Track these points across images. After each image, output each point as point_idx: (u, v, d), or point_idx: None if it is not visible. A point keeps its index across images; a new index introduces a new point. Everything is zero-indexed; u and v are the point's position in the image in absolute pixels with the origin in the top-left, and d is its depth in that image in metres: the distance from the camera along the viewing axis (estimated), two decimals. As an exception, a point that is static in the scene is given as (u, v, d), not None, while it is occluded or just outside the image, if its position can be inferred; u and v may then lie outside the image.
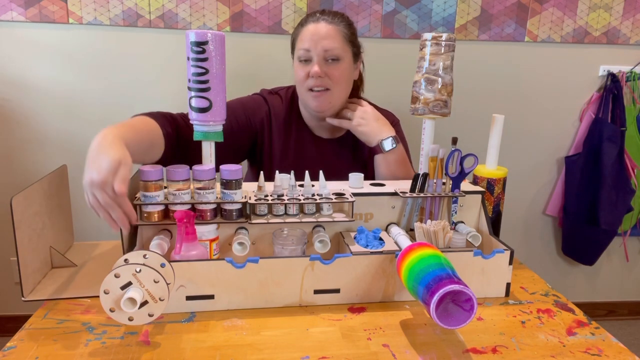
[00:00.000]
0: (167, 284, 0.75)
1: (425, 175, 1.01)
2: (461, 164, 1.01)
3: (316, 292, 0.89)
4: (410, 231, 1.03)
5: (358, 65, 1.28)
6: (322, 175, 0.98)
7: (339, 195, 0.97)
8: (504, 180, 1.10)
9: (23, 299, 0.90)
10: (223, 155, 1.06)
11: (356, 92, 1.34)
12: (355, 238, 0.96)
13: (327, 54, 1.16)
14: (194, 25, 1.69)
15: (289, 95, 1.31)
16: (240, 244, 0.90)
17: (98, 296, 0.73)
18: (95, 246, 1.15)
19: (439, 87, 0.99)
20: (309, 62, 1.17)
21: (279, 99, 1.30)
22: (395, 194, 1.01)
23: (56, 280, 0.97)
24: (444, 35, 0.97)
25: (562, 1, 1.82)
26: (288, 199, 0.94)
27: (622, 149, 1.88)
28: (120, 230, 0.82)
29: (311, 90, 1.18)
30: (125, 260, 0.76)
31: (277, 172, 0.98)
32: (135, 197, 0.92)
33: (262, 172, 0.97)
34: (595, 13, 1.84)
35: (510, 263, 0.93)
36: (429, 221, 0.97)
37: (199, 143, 0.97)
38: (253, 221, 0.93)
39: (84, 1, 1.63)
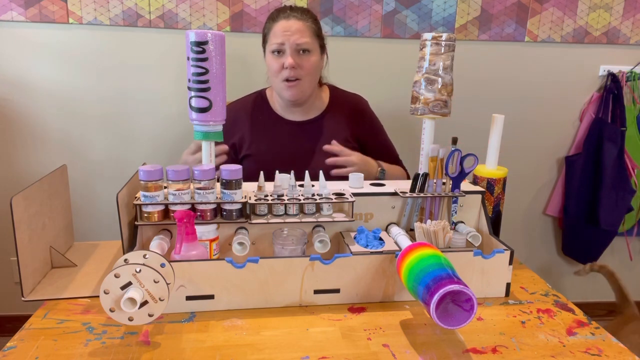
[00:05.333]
0: (167, 284, 0.75)
1: (425, 175, 1.01)
2: (461, 164, 1.01)
3: (316, 292, 0.89)
4: (410, 231, 1.03)
5: (324, 56, 1.39)
6: (322, 175, 0.98)
7: (339, 195, 0.97)
8: (504, 180, 1.10)
9: (23, 299, 0.90)
10: None
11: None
12: (355, 238, 0.96)
13: (299, 47, 1.26)
14: (194, 25, 1.69)
15: (255, 95, 1.44)
16: (240, 244, 0.90)
17: (98, 296, 0.73)
18: (95, 246, 1.15)
19: (439, 87, 0.99)
20: (282, 53, 1.27)
21: (244, 102, 1.43)
22: (395, 194, 1.01)
23: (56, 280, 0.97)
24: (444, 35, 0.97)
25: (562, 1, 1.81)
26: (288, 199, 0.94)
27: (622, 149, 1.88)
28: (120, 230, 0.82)
29: (286, 80, 1.28)
30: (125, 260, 0.76)
31: (277, 172, 0.98)
32: (135, 197, 0.93)
33: (262, 172, 0.97)
34: (595, 13, 1.84)
35: (510, 263, 0.93)
36: (429, 221, 0.97)
37: None
38: (253, 221, 0.93)
39: (84, 1, 1.63)
